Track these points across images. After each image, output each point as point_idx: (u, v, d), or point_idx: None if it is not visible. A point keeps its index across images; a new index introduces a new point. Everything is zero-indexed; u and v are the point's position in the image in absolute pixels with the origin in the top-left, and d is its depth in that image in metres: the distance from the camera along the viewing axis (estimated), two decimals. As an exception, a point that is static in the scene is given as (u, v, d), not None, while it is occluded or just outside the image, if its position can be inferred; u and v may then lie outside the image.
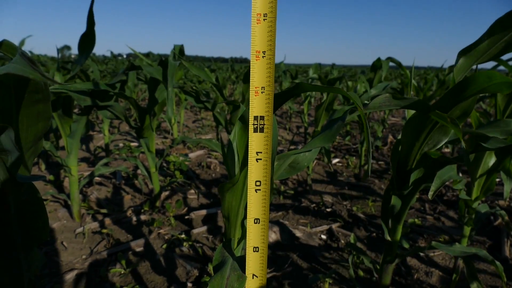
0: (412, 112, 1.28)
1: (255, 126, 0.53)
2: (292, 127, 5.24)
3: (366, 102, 0.99)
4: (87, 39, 1.55)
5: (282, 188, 2.56)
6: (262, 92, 0.51)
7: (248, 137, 0.77)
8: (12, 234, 0.68)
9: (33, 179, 0.50)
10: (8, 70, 0.26)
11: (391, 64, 2.99)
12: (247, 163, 0.79)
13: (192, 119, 5.60)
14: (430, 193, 0.96)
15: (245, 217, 0.90)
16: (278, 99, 0.66)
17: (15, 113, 0.53)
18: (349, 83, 4.71)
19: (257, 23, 0.48)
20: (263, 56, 0.49)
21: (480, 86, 0.75)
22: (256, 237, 0.62)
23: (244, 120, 0.74)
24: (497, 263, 1.14)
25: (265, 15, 0.48)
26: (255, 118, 0.53)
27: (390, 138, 4.23)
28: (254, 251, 0.62)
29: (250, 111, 0.52)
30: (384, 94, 0.92)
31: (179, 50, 2.82)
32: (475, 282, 1.22)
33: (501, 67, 1.96)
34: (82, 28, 1.59)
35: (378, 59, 2.61)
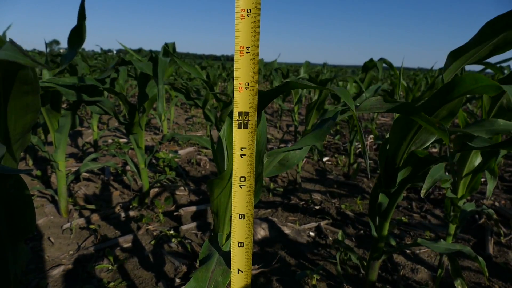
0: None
1: (239, 122, 0.53)
2: (282, 125, 5.25)
3: (357, 104, 1.00)
4: (77, 33, 1.54)
5: (272, 185, 2.57)
6: (246, 88, 0.51)
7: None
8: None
9: (20, 171, 0.49)
10: (4, 57, 0.26)
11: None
12: (237, 159, 0.80)
13: (183, 117, 5.57)
14: (423, 192, 0.97)
15: (233, 212, 0.90)
16: (268, 97, 0.67)
17: (3, 104, 0.53)
18: (340, 83, 4.74)
19: (241, 18, 0.48)
20: (247, 52, 0.49)
21: (466, 88, 0.77)
22: (241, 233, 0.62)
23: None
24: (480, 258, 1.17)
25: (249, 10, 0.48)
26: (239, 114, 0.53)
27: (379, 137, 4.27)
28: (239, 247, 0.62)
29: (234, 107, 0.52)
30: (376, 96, 0.93)
31: (172, 48, 2.81)
32: (459, 279, 1.25)
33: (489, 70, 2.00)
34: (71, 23, 1.58)
35: (371, 60, 2.63)
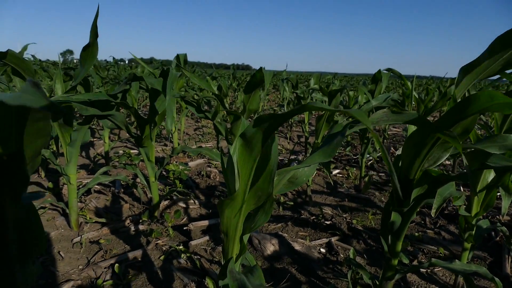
0: (414, 127, 1.28)
1: None
2: (293, 136, 5.23)
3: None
4: (89, 51, 1.56)
5: (282, 199, 2.55)
6: None
7: (249, 157, 0.76)
8: (8, 248, 0.68)
9: (34, 197, 0.49)
10: (24, 103, 0.26)
11: (393, 74, 2.99)
12: (247, 181, 0.79)
13: (193, 127, 5.60)
14: (433, 211, 0.95)
15: (243, 232, 0.89)
16: (282, 119, 0.66)
17: (16, 132, 0.53)
18: (351, 93, 4.71)
19: None
20: None
21: (481, 106, 0.75)
22: None
23: (246, 138, 0.73)
24: (497, 280, 1.13)
25: None
26: None
27: (392, 150, 4.21)
28: None
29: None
30: (383, 109, 0.92)
31: (183, 59, 2.83)
32: (475, 300, 1.21)
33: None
34: (86, 32, 1.59)
35: (379, 71, 2.61)
